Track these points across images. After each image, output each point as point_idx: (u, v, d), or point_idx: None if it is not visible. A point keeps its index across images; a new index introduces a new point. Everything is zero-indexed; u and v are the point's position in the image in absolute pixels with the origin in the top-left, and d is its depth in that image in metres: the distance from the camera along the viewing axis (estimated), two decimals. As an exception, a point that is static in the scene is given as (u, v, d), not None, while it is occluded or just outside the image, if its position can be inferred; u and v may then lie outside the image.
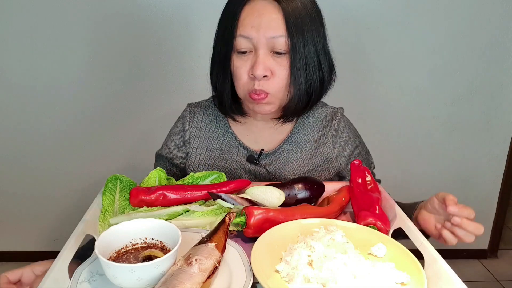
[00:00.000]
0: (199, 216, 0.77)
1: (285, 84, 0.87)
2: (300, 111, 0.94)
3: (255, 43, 0.83)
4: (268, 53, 0.84)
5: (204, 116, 1.03)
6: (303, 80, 0.87)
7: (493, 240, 2.29)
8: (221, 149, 1.00)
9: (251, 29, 0.82)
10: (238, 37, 0.84)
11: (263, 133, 1.00)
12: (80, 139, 1.99)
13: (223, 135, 1.01)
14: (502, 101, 2.00)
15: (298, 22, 0.82)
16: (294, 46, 0.83)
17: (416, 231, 0.71)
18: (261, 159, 0.98)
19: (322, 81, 0.90)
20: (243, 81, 0.87)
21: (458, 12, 1.83)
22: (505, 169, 2.13)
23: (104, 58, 1.85)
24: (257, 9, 0.82)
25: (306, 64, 0.85)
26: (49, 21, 1.78)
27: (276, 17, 0.82)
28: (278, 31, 0.82)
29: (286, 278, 0.61)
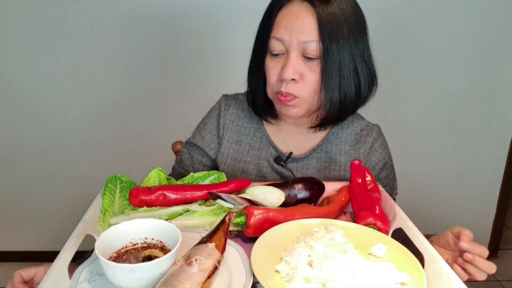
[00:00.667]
0: (199, 216, 0.77)
1: (315, 89, 0.86)
2: (333, 120, 0.92)
3: (287, 46, 0.83)
4: (300, 56, 0.84)
5: (239, 110, 1.04)
6: (336, 87, 0.85)
7: (493, 240, 2.29)
8: (251, 145, 1.01)
9: (284, 31, 0.83)
10: (272, 39, 0.85)
11: (294, 136, 1.00)
12: (80, 139, 1.99)
13: (254, 131, 1.02)
14: (502, 101, 2.00)
15: (333, 28, 0.81)
16: (326, 51, 0.81)
17: (416, 231, 0.71)
18: (288, 162, 0.98)
19: (358, 90, 0.88)
20: (272, 82, 0.88)
21: (458, 12, 1.83)
22: (505, 169, 2.13)
23: (105, 59, 1.85)
24: (292, 12, 0.83)
25: (339, 71, 0.84)
26: (49, 21, 1.78)
27: (309, 22, 0.81)
28: (310, 35, 0.81)
29: (286, 278, 0.61)
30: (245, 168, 0.99)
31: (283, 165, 0.97)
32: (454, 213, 2.21)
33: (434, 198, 2.18)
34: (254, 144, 1.01)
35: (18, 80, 1.87)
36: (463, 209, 2.21)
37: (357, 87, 0.88)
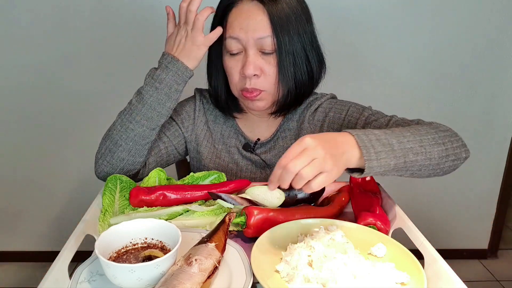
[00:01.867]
0: (199, 216, 0.77)
1: (275, 81, 0.91)
2: (292, 105, 0.97)
3: (244, 44, 0.87)
4: (257, 52, 0.88)
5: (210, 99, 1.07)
6: (292, 76, 0.91)
7: (493, 240, 2.29)
8: (221, 133, 1.05)
9: (240, 30, 0.87)
10: (228, 39, 0.88)
11: (259, 124, 1.04)
12: (80, 139, 1.99)
13: (224, 120, 1.06)
14: (502, 101, 2.00)
15: (283, 22, 0.86)
16: (280, 45, 0.87)
17: (416, 231, 0.72)
18: (256, 148, 1.03)
19: (311, 75, 0.95)
20: (235, 80, 0.92)
21: (458, 12, 1.83)
22: (505, 169, 2.13)
23: (104, 57, 1.85)
24: (244, 11, 0.87)
25: (293, 61, 0.89)
26: (45, 19, 1.78)
27: (261, 19, 0.86)
28: (265, 32, 0.86)
29: (286, 278, 0.61)
30: (218, 154, 1.04)
31: (252, 151, 1.02)
32: (454, 213, 2.21)
33: (434, 198, 2.18)
34: (224, 133, 1.05)
35: (16, 79, 1.87)
36: (463, 209, 2.21)
37: (310, 73, 0.94)
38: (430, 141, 0.72)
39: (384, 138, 0.67)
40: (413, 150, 0.69)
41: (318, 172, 0.60)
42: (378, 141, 0.66)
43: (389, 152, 0.66)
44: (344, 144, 0.65)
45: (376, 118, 0.94)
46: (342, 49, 1.86)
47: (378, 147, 0.66)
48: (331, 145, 0.63)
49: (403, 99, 1.98)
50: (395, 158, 0.67)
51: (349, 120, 0.98)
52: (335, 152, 0.62)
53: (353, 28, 1.84)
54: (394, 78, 1.94)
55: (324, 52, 0.97)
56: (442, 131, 0.77)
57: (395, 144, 0.68)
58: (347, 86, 1.91)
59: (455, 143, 0.76)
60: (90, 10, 1.78)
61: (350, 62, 1.89)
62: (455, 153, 0.75)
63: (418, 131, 0.73)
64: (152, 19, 1.79)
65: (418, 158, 0.69)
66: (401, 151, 0.68)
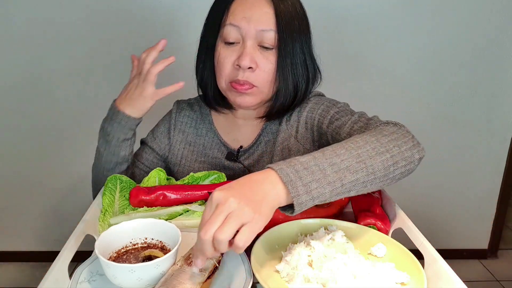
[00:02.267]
0: (199, 216, 0.77)
1: (270, 79, 0.87)
2: (285, 110, 0.94)
3: (244, 34, 0.84)
4: (256, 45, 0.85)
5: (191, 112, 1.05)
6: (290, 76, 0.88)
7: (493, 240, 2.29)
8: (204, 145, 1.02)
9: (242, 19, 0.83)
10: (228, 26, 0.84)
11: (243, 130, 1.00)
12: (80, 139, 1.99)
13: (206, 132, 1.02)
14: (502, 101, 2.00)
15: (288, 19, 0.84)
16: (282, 42, 0.84)
17: (416, 231, 0.71)
18: (240, 156, 0.99)
19: (307, 82, 0.92)
20: (227, 71, 0.87)
21: (458, 12, 1.83)
22: (505, 169, 2.13)
23: (102, 57, 1.85)
24: (249, 1, 0.84)
25: (292, 61, 0.87)
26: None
27: (268, 11, 0.83)
28: (269, 25, 0.83)
29: (286, 278, 0.61)
30: (201, 168, 1.00)
31: (235, 159, 0.99)
32: (454, 213, 2.21)
33: (434, 198, 2.18)
34: (206, 144, 1.02)
35: (16, 79, 1.87)
36: (463, 209, 2.21)
37: (307, 78, 0.91)
38: (370, 153, 0.62)
39: (313, 164, 0.58)
40: (350, 168, 0.60)
41: (237, 227, 0.52)
42: (306, 170, 0.57)
43: (321, 179, 0.57)
44: (265, 183, 0.56)
45: (339, 117, 0.88)
46: (342, 49, 1.86)
47: (307, 177, 0.57)
48: (247, 189, 0.55)
49: (403, 99, 1.98)
50: (330, 185, 0.58)
51: (319, 120, 0.92)
52: (253, 196, 0.54)
53: (353, 28, 1.84)
54: (394, 78, 1.94)
55: (320, 63, 0.94)
56: (386, 135, 0.67)
57: (327, 168, 0.58)
58: (347, 86, 1.90)
59: (403, 146, 0.67)
60: (90, 10, 1.78)
61: (350, 62, 1.89)
62: (404, 158, 0.66)
63: (355, 144, 0.63)
64: (152, 20, 1.79)
65: (358, 176, 0.60)
66: (336, 174, 0.58)
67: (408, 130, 0.74)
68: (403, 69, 1.92)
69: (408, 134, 0.71)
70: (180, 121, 1.04)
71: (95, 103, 1.93)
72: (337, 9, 1.81)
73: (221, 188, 0.54)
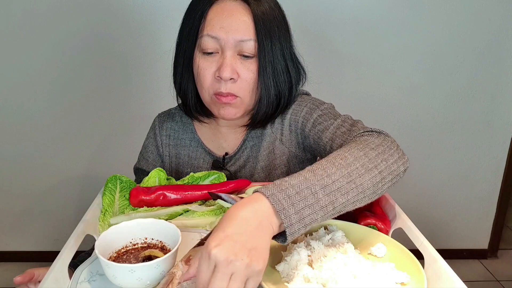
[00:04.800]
0: (199, 216, 0.77)
1: (252, 89, 0.85)
2: (269, 118, 0.91)
3: (223, 45, 0.81)
4: (235, 55, 0.82)
5: (173, 123, 1.02)
6: (272, 84, 0.85)
7: (493, 240, 2.29)
8: (189, 155, 1.00)
9: (220, 29, 0.80)
10: (205, 37, 0.81)
11: (228, 136, 0.98)
12: (80, 139, 1.99)
13: (190, 142, 1.00)
14: (502, 101, 2.00)
15: (267, 26, 0.81)
16: (262, 50, 0.81)
17: (416, 231, 0.71)
18: (226, 163, 0.97)
19: (290, 86, 0.89)
20: (208, 83, 0.84)
21: (458, 12, 1.83)
22: (505, 169, 2.13)
23: (104, 57, 1.85)
24: (226, 10, 0.81)
25: (273, 69, 0.84)
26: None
27: (246, 20, 0.80)
28: (248, 34, 0.80)
29: (286, 278, 0.61)
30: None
31: (222, 167, 0.96)
32: (454, 213, 2.21)
33: (434, 198, 2.18)
34: (191, 154, 1.00)
35: (16, 78, 1.87)
36: (463, 209, 2.21)
37: (289, 84, 0.88)
38: (360, 170, 0.60)
39: (305, 187, 0.55)
40: (341, 190, 0.58)
41: (243, 283, 0.49)
42: (297, 195, 0.54)
43: (314, 204, 0.55)
44: (259, 218, 0.53)
45: (322, 120, 0.85)
46: (341, 49, 1.86)
47: (299, 203, 0.54)
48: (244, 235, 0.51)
49: (403, 99, 1.98)
50: (322, 209, 0.56)
51: (302, 123, 0.90)
52: (251, 242, 0.50)
53: (353, 28, 1.84)
54: (394, 78, 1.94)
55: (304, 63, 0.92)
56: (373, 149, 0.66)
57: (319, 192, 0.56)
58: (347, 86, 1.91)
59: (390, 159, 0.65)
60: (89, 10, 1.78)
61: (350, 62, 1.88)
62: (391, 172, 0.64)
63: (344, 161, 0.61)
64: (151, 20, 1.79)
65: (349, 197, 0.58)
66: (328, 198, 0.56)
67: (393, 140, 0.72)
68: (403, 70, 1.92)
69: (393, 145, 0.70)
70: (164, 135, 1.02)
71: (95, 104, 1.93)
72: (337, 9, 1.81)
73: (216, 243, 0.49)
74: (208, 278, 0.49)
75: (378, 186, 0.62)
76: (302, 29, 1.79)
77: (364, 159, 0.63)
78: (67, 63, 1.86)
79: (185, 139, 1.01)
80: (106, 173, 0.90)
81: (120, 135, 1.99)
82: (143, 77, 1.87)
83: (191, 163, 1.00)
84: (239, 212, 0.53)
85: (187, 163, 1.00)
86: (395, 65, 1.91)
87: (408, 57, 1.91)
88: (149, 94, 1.90)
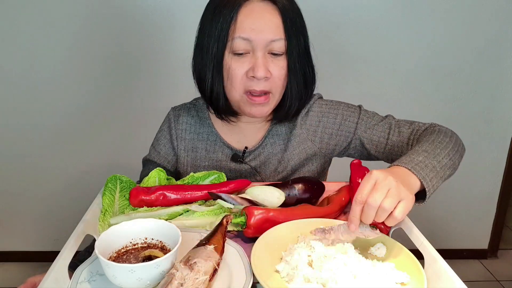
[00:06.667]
0: (199, 216, 0.77)
1: (283, 85, 0.89)
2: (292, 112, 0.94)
3: (254, 46, 0.83)
4: (266, 54, 0.85)
5: (189, 117, 1.03)
6: (301, 81, 0.90)
7: (493, 240, 2.29)
8: (206, 149, 1.01)
9: (251, 31, 0.82)
10: (237, 39, 0.83)
11: (246, 131, 1.00)
12: (80, 139, 1.99)
13: (207, 135, 1.01)
14: (502, 101, 2.00)
15: (294, 24, 0.85)
16: (291, 47, 0.85)
17: (416, 231, 0.72)
18: (245, 157, 0.99)
19: (311, 82, 0.94)
20: (238, 82, 0.86)
21: (458, 12, 1.83)
22: (505, 169, 2.13)
23: (100, 56, 1.85)
24: (255, 11, 0.83)
25: (300, 65, 0.88)
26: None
27: (275, 20, 0.83)
28: (278, 34, 0.83)
29: (286, 278, 0.61)
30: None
31: (242, 161, 0.98)
32: (454, 213, 2.21)
33: (434, 198, 2.17)
34: (209, 148, 1.00)
35: (16, 78, 1.87)
36: (463, 209, 2.21)
37: (311, 79, 0.93)
38: (452, 152, 0.82)
39: (429, 163, 0.74)
40: (447, 165, 0.79)
41: (397, 201, 0.61)
42: (426, 168, 0.72)
43: (436, 175, 0.74)
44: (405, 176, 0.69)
45: (373, 120, 0.97)
46: (342, 49, 1.86)
47: (429, 173, 0.72)
48: (397, 176, 0.65)
49: (403, 99, 1.98)
50: (441, 179, 0.76)
51: (345, 124, 0.97)
52: (403, 181, 0.64)
53: (353, 28, 1.84)
54: (394, 78, 1.94)
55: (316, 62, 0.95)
56: (450, 136, 0.86)
57: (437, 166, 0.75)
58: (347, 86, 1.91)
59: (461, 144, 0.89)
60: (88, 10, 1.78)
61: (350, 62, 1.88)
62: (462, 152, 0.88)
63: (442, 144, 0.81)
64: (151, 19, 1.79)
65: (450, 171, 0.80)
66: (442, 170, 0.76)
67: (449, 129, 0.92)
68: (403, 70, 1.92)
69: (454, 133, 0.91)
70: (180, 129, 1.02)
71: (95, 104, 1.93)
72: (337, 9, 1.81)
73: (378, 170, 0.64)
74: (368, 191, 0.61)
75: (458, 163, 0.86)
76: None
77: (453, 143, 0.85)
78: (69, 63, 1.86)
79: (203, 133, 1.02)
80: (106, 173, 0.90)
81: (120, 135, 1.99)
82: (148, 77, 1.87)
83: (209, 157, 1.00)
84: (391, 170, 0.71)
85: (205, 156, 1.01)
86: (395, 65, 1.91)
87: (408, 57, 1.90)
88: (151, 95, 1.89)
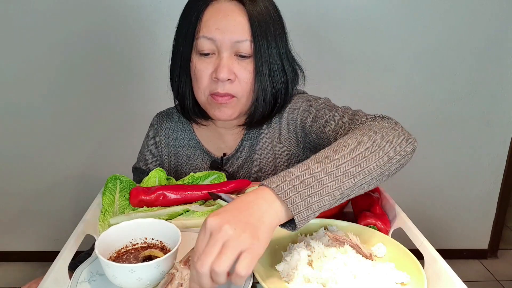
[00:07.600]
0: (199, 216, 0.77)
1: (249, 89, 0.85)
2: (266, 117, 0.91)
3: (219, 46, 0.81)
4: (232, 56, 0.82)
5: (171, 123, 1.02)
6: (268, 84, 0.85)
7: (493, 240, 2.29)
8: (187, 155, 1.00)
9: (216, 31, 0.80)
10: (201, 38, 0.81)
11: (225, 138, 0.98)
12: (80, 139, 1.99)
13: (188, 142, 1.00)
14: (502, 101, 2.00)
15: (262, 26, 0.81)
16: (258, 50, 0.81)
17: (416, 231, 0.71)
18: (224, 163, 0.97)
19: (286, 86, 0.89)
20: (204, 84, 0.84)
21: (457, 12, 1.83)
22: (505, 169, 2.13)
23: (104, 57, 1.85)
24: (222, 10, 0.80)
25: (270, 68, 0.84)
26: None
27: (241, 20, 0.80)
28: (244, 35, 0.80)
29: (286, 278, 0.61)
30: None
31: (220, 168, 0.97)
32: (454, 213, 2.21)
33: (434, 198, 2.18)
34: (190, 155, 1.00)
35: (16, 79, 1.88)
36: (463, 209, 2.21)
37: (285, 84, 0.88)
38: (364, 154, 0.61)
39: (309, 176, 0.56)
40: (347, 174, 0.58)
41: (235, 256, 0.48)
42: (302, 184, 0.55)
43: (320, 191, 0.55)
44: (261, 203, 0.53)
45: (322, 114, 0.85)
46: (341, 49, 1.86)
47: (305, 191, 0.54)
48: (243, 212, 0.51)
49: (403, 99, 1.98)
50: (329, 195, 0.56)
51: (301, 120, 0.90)
52: (249, 220, 0.51)
53: (353, 28, 1.84)
54: (394, 78, 1.94)
55: (301, 62, 0.92)
56: (376, 132, 0.66)
57: (324, 178, 0.56)
58: (347, 86, 1.91)
59: (395, 140, 0.66)
60: (89, 10, 1.78)
61: (350, 62, 1.88)
62: (398, 152, 0.64)
63: (347, 147, 0.61)
64: (151, 19, 1.79)
65: (356, 180, 0.58)
66: (334, 183, 0.56)
67: (397, 122, 0.72)
68: (403, 69, 1.93)
69: (398, 127, 0.70)
70: (163, 135, 1.02)
71: (95, 104, 1.93)
72: (337, 9, 1.81)
73: (214, 214, 0.50)
74: (203, 246, 0.50)
75: (385, 168, 0.62)
76: (302, 29, 1.80)
77: (368, 143, 0.63)
78: (66, 63, 1.86)
79: (184, 139, 1.01)
80: (106, 173, 0.90)
81: (120, 135, 1.99)
82: (143, 76, 1.87)
83: (189, 163, 1.00)
84: (243, 197, 0.54)
85: (186, 163, 1.00)
86: (394, 64, 1.92)
87: (408, 57, 1.91)
88: (149, 93, 1.90)
